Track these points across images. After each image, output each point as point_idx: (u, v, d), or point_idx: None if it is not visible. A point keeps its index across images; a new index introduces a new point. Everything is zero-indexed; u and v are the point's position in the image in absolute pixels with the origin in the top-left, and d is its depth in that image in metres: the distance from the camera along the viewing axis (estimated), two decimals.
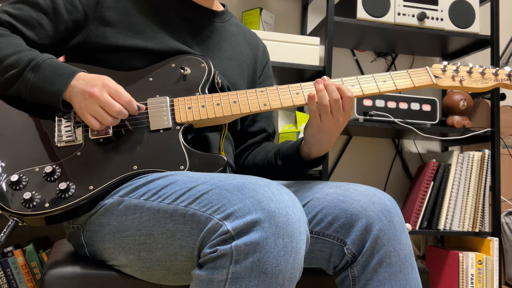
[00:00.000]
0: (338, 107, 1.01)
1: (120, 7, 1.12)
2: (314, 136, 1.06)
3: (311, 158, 1.11)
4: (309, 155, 1.11)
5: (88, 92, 0.97)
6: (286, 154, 1.14)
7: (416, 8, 2.15)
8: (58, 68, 1.00)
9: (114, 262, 0.98)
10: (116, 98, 0.98)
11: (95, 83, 0.98)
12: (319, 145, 1.08)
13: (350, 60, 2.48)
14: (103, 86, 0.98)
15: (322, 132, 1.04)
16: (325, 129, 1.03)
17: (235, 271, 0.77)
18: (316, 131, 1.04)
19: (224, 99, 1.06)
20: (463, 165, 2.15)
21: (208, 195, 0.84)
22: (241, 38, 1.29)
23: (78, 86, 0.99)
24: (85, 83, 0.99)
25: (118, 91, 0.98)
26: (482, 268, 2.06)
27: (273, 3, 2.39)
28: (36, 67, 0.99)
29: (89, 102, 0.97)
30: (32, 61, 1.00)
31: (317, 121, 1.03)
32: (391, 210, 0.96)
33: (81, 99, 0.98)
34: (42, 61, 1.00)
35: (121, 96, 0.99)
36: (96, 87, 0.97)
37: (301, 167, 1.13)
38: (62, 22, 1.09)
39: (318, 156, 1.11)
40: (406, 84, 1.09)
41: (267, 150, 1.21)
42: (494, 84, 1.11)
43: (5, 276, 1.76)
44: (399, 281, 0.92)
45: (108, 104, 0.97)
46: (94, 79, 0.99)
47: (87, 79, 1.00)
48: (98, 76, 1.00)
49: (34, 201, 0.93)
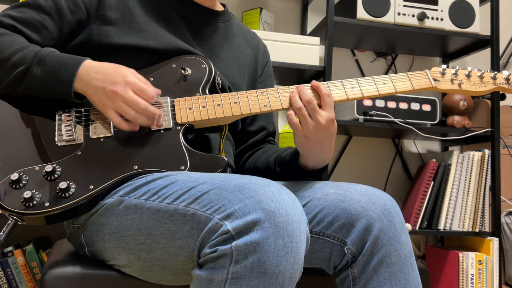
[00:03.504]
0: (312, 108, 1.00)
1: (121, 6, 1.12)
2: (304, 146, 1.04)
3: (309, 170, 1.10)
4: (306, 167, 1.10)
5: (111, 90, 0.97)
6: (284, 161, 1.13)
7: (416, 8, 2.15)
8: (63, 59, 1.00)
9: (114, 262, 0.98)
10: (141, 95, 0.98)
11: (116, 80, 0.97)
12: (312, 156, 1.06)
13: (350, 60, 2.48)
14: (126, 84, 0.97)
15: (309, 139, 1.02)
16: (310, 136, 1.02)
17: (235, 271, 0.77)
18: (303, 139, 1.03)
19: (224, 100, 1.06)
20: (463, 165, 2.15)
21: (208, 195, 0.84)
22: (242, 38, 1.29)
23: (93, 79, 0.98)
24: (103, 77, 0.98)
25: (141, 89, 0.98)
26: (482, 268, 2.06)
27: (273, 3, 2.39)
28: (41, 60, 0.99)
29: (110, 100, 0.97)
30: (37, 55, 0.99)
31: (299, 128, 1.01)
32: (391, 210, 0.96)
33: (102, 96, 0.98)
34: (46, 54, 1.00)
35: (145, 92, 0.99)
36: (118, 84, 0.97)
37: (299, 176, 1.12)
38: (66, 22, 1.09)
39: (315, 168, 1.10)
40: (406, 87, 1.10)
41: (268, 155, 1.20)
42: (493, 88, 1.12)
43: (5, 276, 1.76)
44: (399, 281, 0.92)
45: (133, 103, 0.97)
46: (112, 74, 0.98)
47: (100, 71, 0.99)
48: (115, 69, 1.00)
49: (34, 200, 0.93)
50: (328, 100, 1.02)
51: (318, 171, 1.11)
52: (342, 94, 1.07)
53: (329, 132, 1.02)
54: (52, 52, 1.01)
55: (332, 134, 1.03)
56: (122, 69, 1.00)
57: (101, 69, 0.99)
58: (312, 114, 1.01)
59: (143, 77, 1.02)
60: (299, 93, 1.03)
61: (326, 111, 1.01)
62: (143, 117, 0.99)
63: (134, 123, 1.00)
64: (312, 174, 1.11)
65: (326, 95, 1.02)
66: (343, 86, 1.08)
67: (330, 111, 1.02)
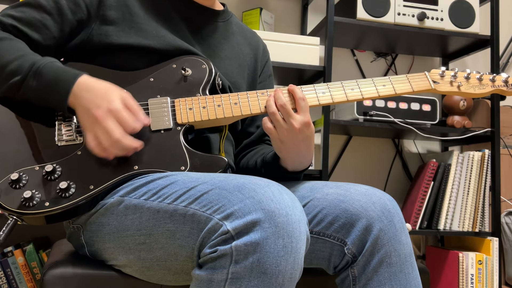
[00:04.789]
0: (286, 112, 1.01)
1: (122, 6, 1.12)
2: (280, 149, 1.05)
3: (289, 171, 1.11)
4: (286, 169, 1.11)
5: (92, 114, 0.94)
6: (267, 162, 1.14)
7: (416, 8, 2.15)
8: (58, 73, 0.98)
9: (114, 262, 0.98)
10: (121, 124, 0.95)
11: (100, 104, 0.94)
12: (290, 158, 1.07)
13: (350, 60, 2.48)
14: (108, 112, 0.94)
15: (284, 143, 1.03)
16: (285, 139, 1.02)
17: (235, 271, 0.77)
18: (279, 143, 1.04)
19: (225, 101, 1.06)
20: (463, 165, 2.15)
21: (208, 195, 0.84)
22: (241, 37, 1.29)
23: (83, 98, 0.96)
24: (91, 98, 0.95)
25: (122, 119, 0.95)
26: (482, 268, 2.06)
27: (273, 3, 2.39)
28: (37, 73, 0.98)
29: (91, 123, 0.95)
30: (33, 66, 0.98)
31: (273, 133, 1.02)
32: (391, 210, 0.96)
33: (85, 117, 0.96)
34: (42, 66, 0.98)
35: (126, 123, 0.95)
36: (100, 110, 0.94)
37: (281, 177, 1.12)
38: (67, 22, 1.09)
39: (295, 171, 1.11)
40: (405, 89, 1.10)
41: (258, 155, 1.21)
42: (491, 90, 1.13)
43: (5, 276, 1.76)
44: (399, 281, 0.92)
45: (108, 133, 0.93)
46: (100, 97, 0.96)
47: (91, 91, 0.96)
48: (105, 92, 0.96)
49: (34, 200, 0.93)
50: (303, 104, 1.03)
51: (299, 173, 1.12)
52: (342, 96, 1.08)
53: (305, 135, 1.02)
54: (48, 63, 0.99)
55: (307, 137, 1.03)
56: (112, 93, 0.97)
57: (92, 89, 0.97)
58: (286, 118, 1.01)
59: (135, 102, 0.98)
60: (274, 97, 1.03)
61: (300, 115, 1.02)
62: (115, 148, 0.95)
63: (107, 152, 0.96)
64: (292, 174, 1.12)
65: (300, 99, 1.03)
66: (343, 88, 1.09)
67: (305, 115, 1.02)
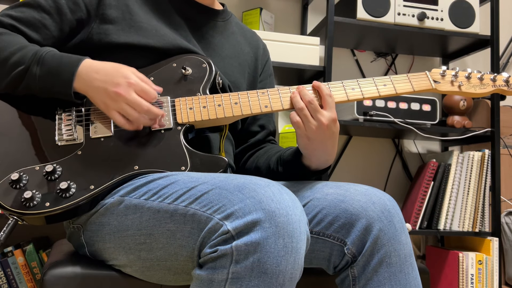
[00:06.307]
0: (314, 108, 1.01)
1: (121, 5, 1.12)
2: (306, 146, 1.05)
3: (312, 170, 1.10)
4: (309, 167, 1.10)
5: (114, 91, 0.97)
6: (287, 161, 1.13)
7: (416, 8, 2.15)
8: (62, 58, 1.00)
9: (114, 262, 0.98)
10: (143, 96, 0.99)
11: (118, 81, 0.98)
12: (315, 156, 1.06)
13: (350, 60, 2.48)
14: (129, 86, 0.97)
15: (311, 140, 1.02)
16: (312, 136, 1.02)
17: (235, 271, 0.77)
18: (306, 140, 1.03)
19: (225, 100, 1.06)
20: (463, 165, 2.15)
21: (209, 195, 0.84)
22: (241, 37, 1.29)
23: (94, 80, 0.98)
24: (104, 78, 0.98)
25: (144, 90, 0.98)
26: (482, 268, 2.06)
27: (273, 3, 2.39)
28: (40, 60, 0.99)
29: (113, 100, 0.97)
30: (36, 54, 0.99)
31: (301, 127, 1.02)
32: (391, 210, 0.96)
33: (104, 96, 0.98)
34: (45, 53, 1.00)
35: (148, 93, 0.99)
36: (121, 86, 0.97)
37: (302, 175, 1.12)
38: (67, 22, 1.09)
39: (318, 169, 1.10)
40: (406, 88, 1.10)
41: (270, 154, 1.20)
42: (492, 89, 1.13)
43: (5, 276, 1.76)
44: (399, 281, 0.92)
45: (136, 104, 0.97)
46: (113, 75, 0.98)
47: (102, 71, 0.99)
48: (116, 69, 1.00)
49: (35, 200, 0.93)
50: (330, 100, 1.02)
51: (321, 171, 1.11)
52: (342, 95, 1.08)
53: (332, 132, 1.02)
54: (51, 51, 1.01)
55: (334, 134, 1.03)
56: (123, 69, 1.00)
57: (102, 69, 0.99)
58: (314, 114, 1.01)
59: (143, 75, 1.02)
60: (300, 93, 1.03)
61: (328, 111, 1.02)
62: (145, 118, 1.00)
63: (137, 123, 1.00)
64: (315, 174, 1.11)
65: (327, 95, 1.03)
66: (343, 87, 1.08)
67: (332, 111, 1.02)
